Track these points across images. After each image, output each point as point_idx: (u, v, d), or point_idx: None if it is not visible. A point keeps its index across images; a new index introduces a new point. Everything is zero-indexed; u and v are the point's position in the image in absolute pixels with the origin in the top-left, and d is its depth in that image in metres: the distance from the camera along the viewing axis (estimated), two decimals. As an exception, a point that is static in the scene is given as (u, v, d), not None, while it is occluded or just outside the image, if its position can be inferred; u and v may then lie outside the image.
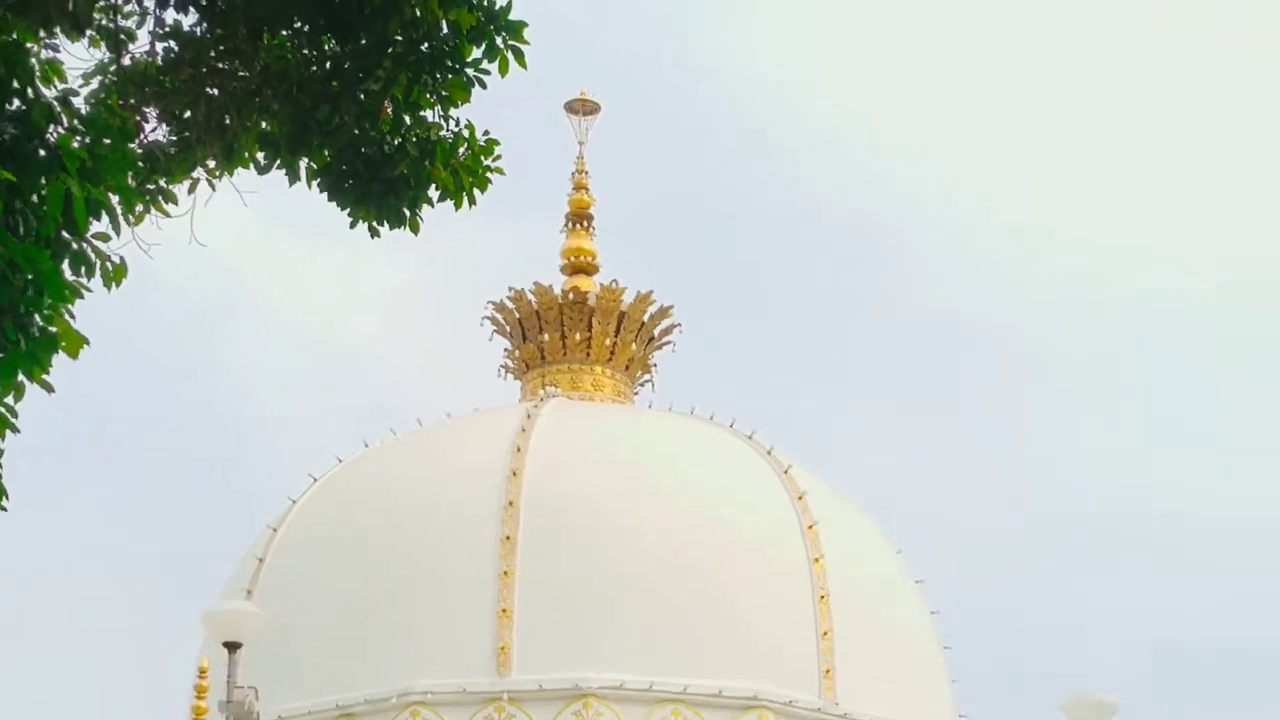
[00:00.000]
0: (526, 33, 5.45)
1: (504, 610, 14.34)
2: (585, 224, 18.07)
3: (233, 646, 12.78)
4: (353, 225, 5.83)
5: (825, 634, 14.35)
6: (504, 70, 5.45)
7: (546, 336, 17.49)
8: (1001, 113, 39.82)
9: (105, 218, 4.51)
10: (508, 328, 17.99)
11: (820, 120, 37.31)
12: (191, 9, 5.46)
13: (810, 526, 14.56)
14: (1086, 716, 14.48)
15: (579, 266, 17.86)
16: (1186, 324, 35.87)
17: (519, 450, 14.78)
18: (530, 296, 17.47)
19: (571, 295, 17.44)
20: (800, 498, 14.74)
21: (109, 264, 4.52)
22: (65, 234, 4.27)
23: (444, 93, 5.42)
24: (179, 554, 30.90)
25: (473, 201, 5.70)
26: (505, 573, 14.55)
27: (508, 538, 14.59)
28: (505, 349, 18.07)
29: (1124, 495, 35.88)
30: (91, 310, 4.55)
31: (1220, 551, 34.61)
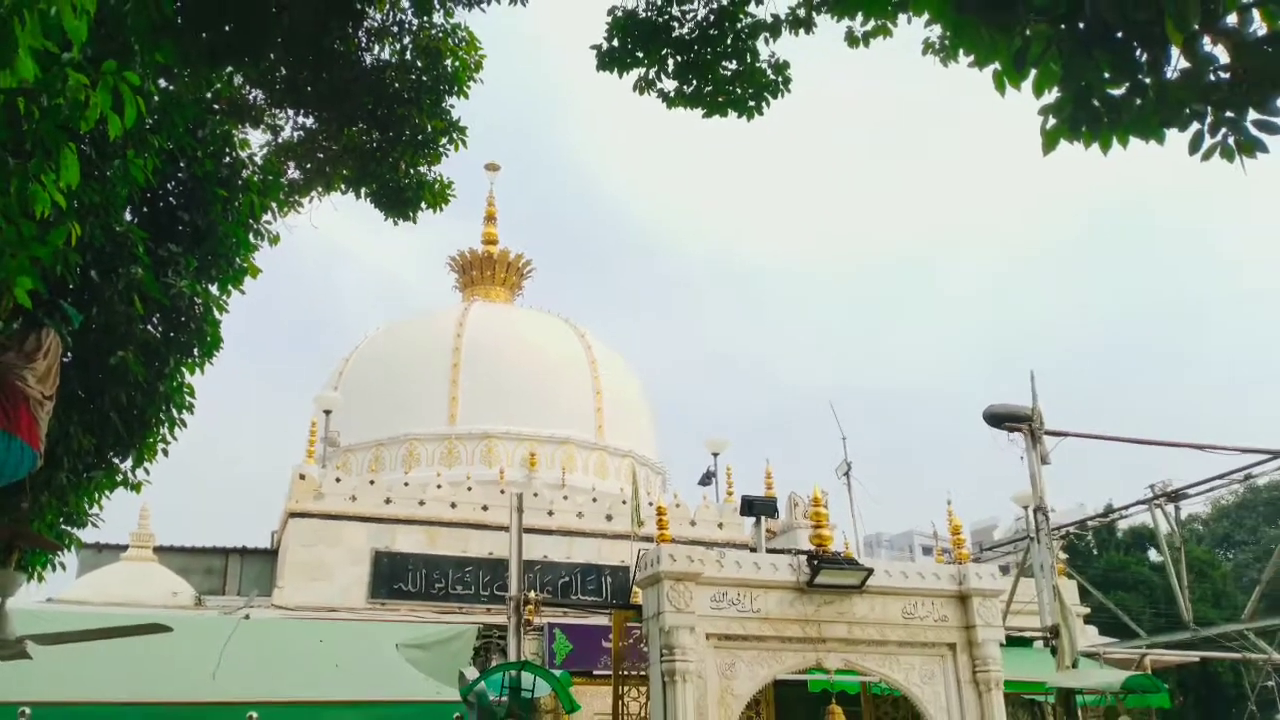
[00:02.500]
0: (468, 134, 8.08)
1: (454, 398, 23.63)
2: (493, 222, 29.24)
3: (328, 413, 21.54)
4: (387, 219, 8.40)
5: (599, 409, 24.89)
6: (456, 149, 8.19)
7: (475, 273, 28.67)
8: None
9: (269, 214, 6.78)
10: (459, 268, 29.32)
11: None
12: (312, 115, 7.82)
13: (593, 362, 25.83)
14: (716, 447, 27.24)
15: (490, 240, 29.09)
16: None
17: (461, 321, 25.14)
18: (468, 254, 29.02)
19: (485, 253, 28.90)
20: (589, 347, 25.97)
21: (270, 234, 6.86)
22: (251, 220, 6.49)
23: (429, 160, 8.03)
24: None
25: (441, 208, 8.44)
26: (454, 380, 24.15)
27: (455, 365, 24.38)
28: (456, 278, 29.55)
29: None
30: (261, 256, 6.66)
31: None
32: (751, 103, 7.83)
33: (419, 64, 7.54)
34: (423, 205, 8.13)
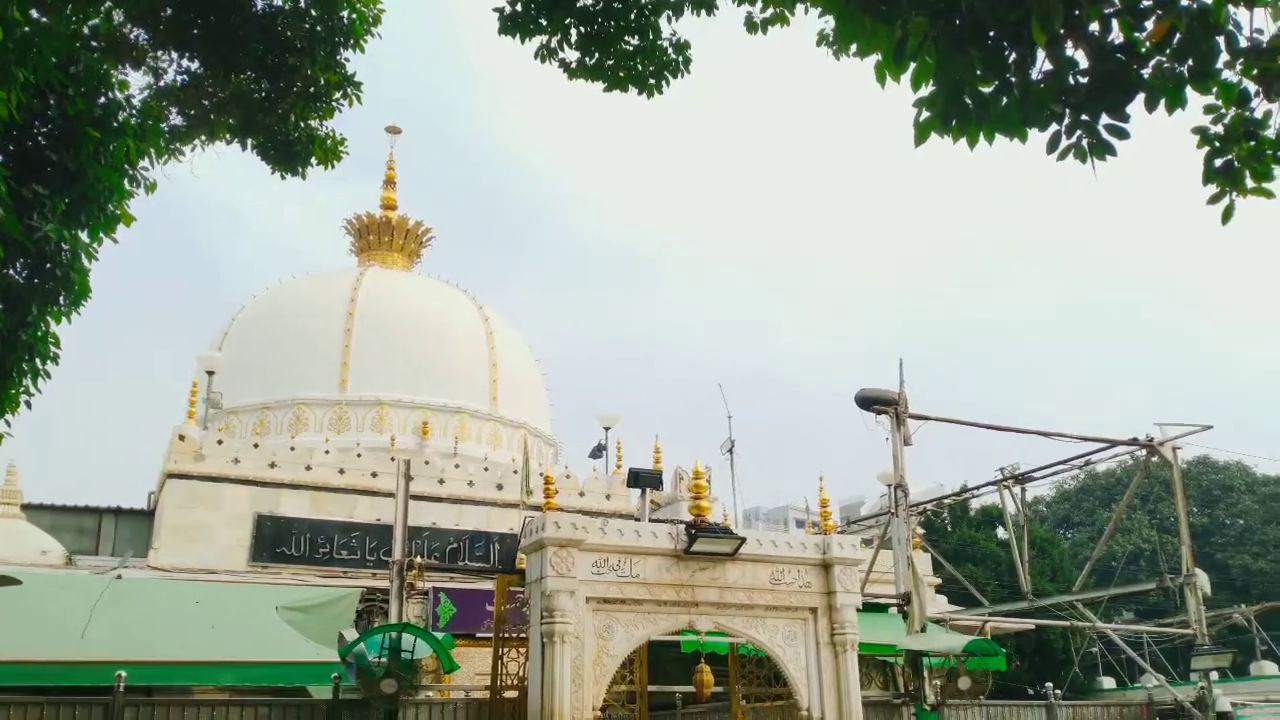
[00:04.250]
0: (363, 90, 7.70)
1: (345, 363, 22.82)
2: (392, 186, 28.16)
3: (210, 373, 20.66)
4: (274, 173, 7.86)
5: (494, 381, 24.39)
6: (351, 104, 7.79)
7: (372, 237, 27.52)
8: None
9: (146, 160, 6.35)
10: (356, 231, 28.05)
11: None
12: (197, 59, 7.38)
13: (490, 334, 25.25)
14: (608, 421, 27.22)
15: (389, 205, 27.94)
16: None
17: (356, 286, 24.26)
18: (365, 218, 27.70)
19: (383, 218, 27.65)
20: (486, 320, 25.43)
21: (147, 181, 6.45)
22: (127, 166, 6.11)
23: (320, 114, 7.69)
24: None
25: (332, 164, 7.96)
26: (346, 346, 23.20)
27: (348, 330, 23.46)
28: (353, 242, 28.20)
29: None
30: (142, 206, 6.19)
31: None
32: (652, 80, 7.76)
33: (313, 13, 7.14)
34: (313, 161, 7.81)
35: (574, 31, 7.28)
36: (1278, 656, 25.14)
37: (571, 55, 7.50)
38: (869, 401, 13.71)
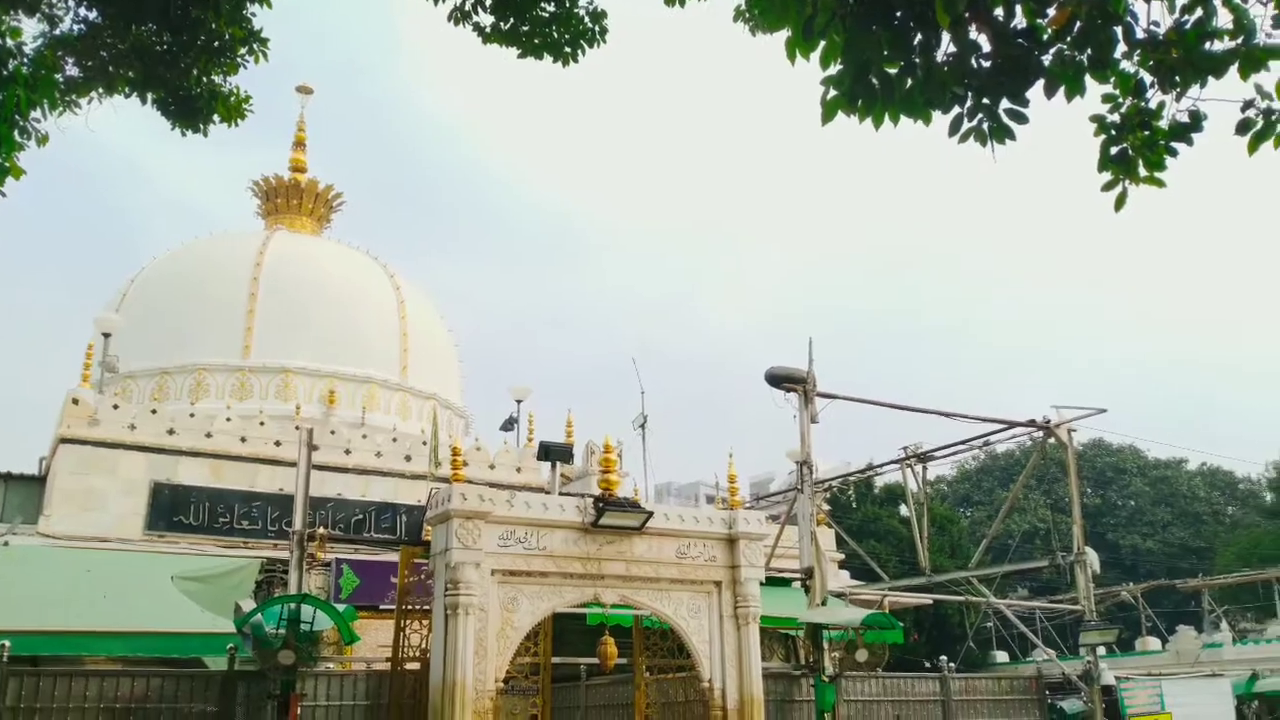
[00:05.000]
0: (268, 46, 7.36)
1: (249, 328, 22.34)
2: (302, 148, 27.31)
3: (107, 336, 19.78)
4: (174, 129, 7.51)
5: (405, 351, 24.01)
6: (257, 61, 7.41)
7: (280, 200, 26.72)
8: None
9: (39, 111, 6.05)
10: (263, 194, 27.18)
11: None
12: (95, 8, 6.95)
13: (401, 303, 24.89)
14: (520, 394, 27.07)
15: (298, 168, 27.12)
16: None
17: (262, 250, 23.65)
18: (273, 180, 26.87)
19: (292, 181, 26.80)
20: (398, 288, 25.03)
21: (39, 134, 6.16)
22: (18, 117, 5.73)
23: (224, 69, 7.33)
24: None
25: (236, 122, 7.59)
26: (251, 311, 22.66)
27: (253, 295, 22.86)
28: (260, 205, 27.32)
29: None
30: (26, 157, 5.94)
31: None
32: (568, 48, 7.68)
33: (218, -36, 6.85)
34: (216, 118, 7.44)
35: (489, -6, 7.16)
36: (1162, 632, 26.58)
37: (486, 19, 7.37)
38: (778, 379, 13.91)
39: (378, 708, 10.60)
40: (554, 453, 15.12)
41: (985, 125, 4.32)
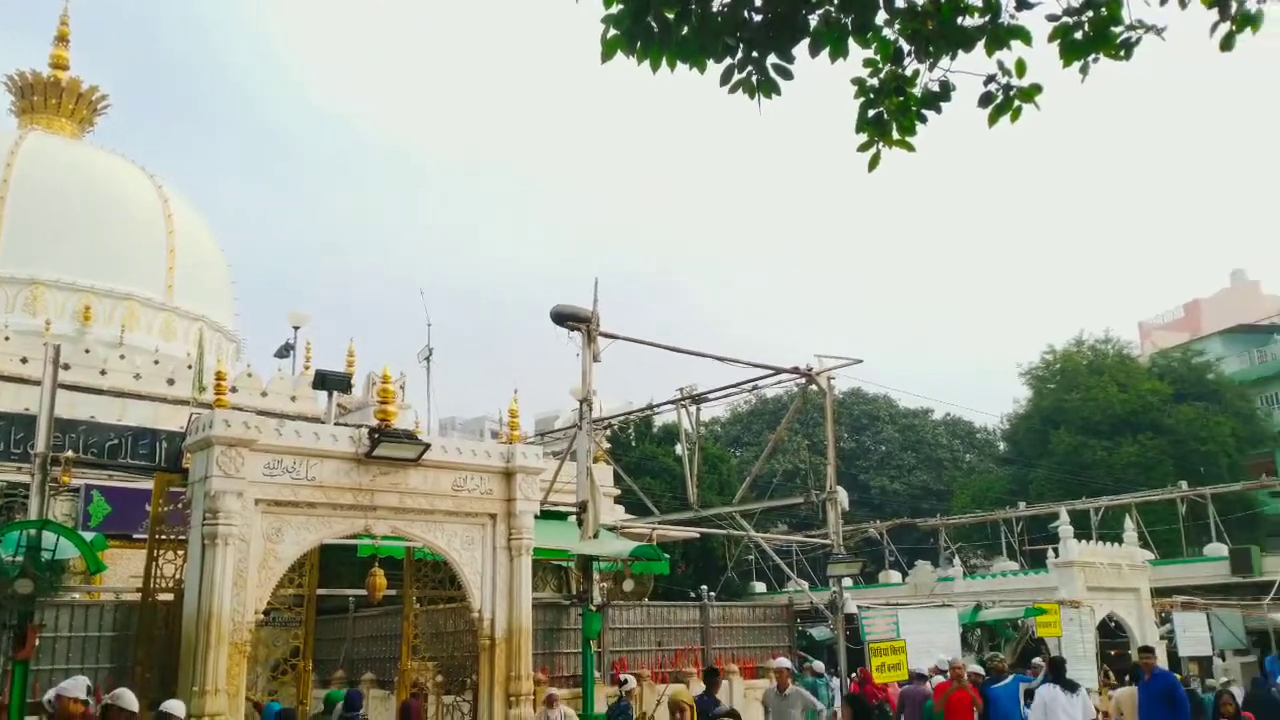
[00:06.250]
0: None
1: None
2: (65, 44, 24.80)
3: None
4: None
5: (171, 269, 22.77)
6: None
7: (37, 98, 24.36)
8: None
9: None
10: (18, 90, 24.61)
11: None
12: None
13: (169, 216, 23.23)
14: (298, 320, 26.07)
15: (59, 64, 24.70)
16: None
17: (14, 151, 21.75)
18: (29, 75, 24.38)
19: (51, 78, 24.46)
20: (166, 200, 23.39)
21: None
22: None
23: None
24: None
25: None
26: None
27: (2, 198, 21.18)
28: (13, 102, 24.71)
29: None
30: None
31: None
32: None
33: None
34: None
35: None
36: (903, 566, 29.13)
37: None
38: (563, 317, 13.96)
39: (125, 639, 9.99)
40: (330, 382, 14.49)
41: (754, 78, 4.44)
